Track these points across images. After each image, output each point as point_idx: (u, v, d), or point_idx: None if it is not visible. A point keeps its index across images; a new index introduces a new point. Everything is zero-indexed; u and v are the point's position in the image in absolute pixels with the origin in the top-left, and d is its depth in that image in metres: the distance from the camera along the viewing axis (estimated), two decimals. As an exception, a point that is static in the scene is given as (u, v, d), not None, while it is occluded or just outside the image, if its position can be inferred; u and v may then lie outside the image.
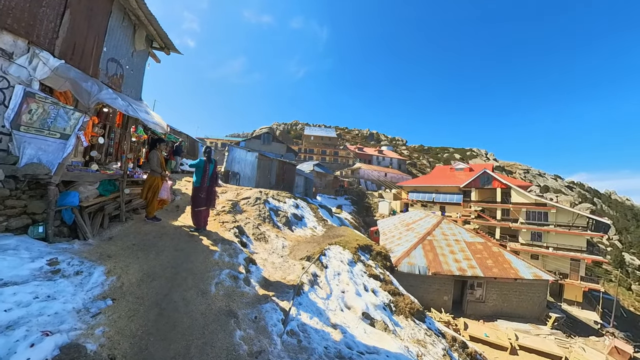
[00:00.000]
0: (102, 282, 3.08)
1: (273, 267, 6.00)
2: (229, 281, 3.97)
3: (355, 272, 8.09)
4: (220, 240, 5.34)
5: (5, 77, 3.89)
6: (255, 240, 6.86)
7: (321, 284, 6.50)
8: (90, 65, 5.47)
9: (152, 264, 3.78)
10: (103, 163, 6.37)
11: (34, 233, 3.53)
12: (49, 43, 4.47)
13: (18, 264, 2.78)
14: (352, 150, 59.67)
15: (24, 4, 4.05)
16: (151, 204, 5.65)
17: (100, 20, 5.69)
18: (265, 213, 8.39)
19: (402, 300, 8.29)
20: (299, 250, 7.46)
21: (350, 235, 10.68)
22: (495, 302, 16.23)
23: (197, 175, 5.46)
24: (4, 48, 3.86)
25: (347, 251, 8.89)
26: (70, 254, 3.36)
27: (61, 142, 3.90)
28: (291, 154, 30.77)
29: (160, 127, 6.32)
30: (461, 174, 40.53)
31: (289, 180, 16.61)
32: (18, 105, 3.91)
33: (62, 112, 4.03)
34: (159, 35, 7.45)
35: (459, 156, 78.93)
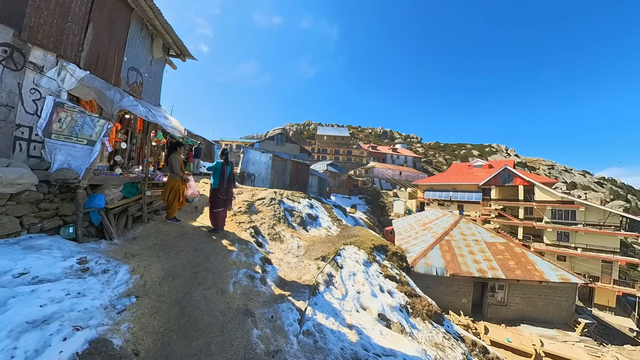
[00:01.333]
0: (127, 280, 3.23)
1: (289, 267, 6.05)
2: (246, 280, 4.04)
3: (370, 273, 8.02)
4: (237, 241, 5.45)
5: (38, 89, 4.16)
6: (270, 240, 6.95)
7: (336, 284, 6.49)
8: (113, 74, 5.76)
9: (173, 263, 3.92)
10: (126, 167, 6.68)
11: (65, 233, 3.76)
12: (75, 55, 4.75)
13: (51, 263, 2.97)
14: (366, 149, 59.15)
15: (51, 20, 4.32)
16: (172, 205, 5.85)
17: (120, 31, 5.98)
18: (280, 213, 8.48)
19: (419, 302, 8.12)
20: (314, 250, 7.48)
21: (365, 235, 10.59)
22: (519, 305, 15.48)
23: (215, 177, 5.60)
24: (35, 62, 4.13)
25: (362, 251, 8.82)
26: (98, 254, 3.54)
27: (88, 148, 4.13)
28: (304, 154, 30.90)
29: (178, 131, 6.54)
30: (480, 171, 39.14)
31: (303, 180, 16.69)
32: (49, 115, 4.18)
33: (88, 120, 4.27)
34: (175, 43, 7.71)
35: (477, 153, 76.24)
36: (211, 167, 5.66)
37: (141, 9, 6.25)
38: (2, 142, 3.71)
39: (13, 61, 3.84)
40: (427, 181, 42.53)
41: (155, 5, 6.18)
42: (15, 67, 3.87)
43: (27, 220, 3.52)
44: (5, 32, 3.76)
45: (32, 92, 4.08)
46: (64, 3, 4.49)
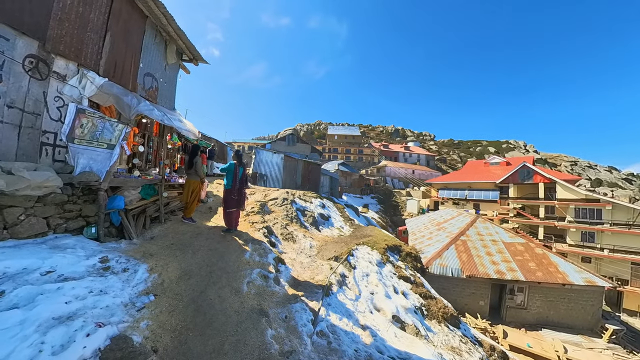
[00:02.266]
0: (146, 279, 3.33)
1: (301, 267, 6.07)
2: (259, 280, 4.08)
3: (384, 274, 7.92)
4: (251, 240, 5.52)
5: (61, 96, 4.37)
6: (283, 240, 6.99)
7: (350, 284, 6.45)
8: (130, 80, 5.96)
9: (189, 262, 4.01)
10: (143, 169, 6.91)
11: (88, 234, 3.92)
12: (95, 64, 4.95)
13: (75, 261, 3.10)
14: (377, 148, 58.54)
15: (72, 31, 4.52)
16: (190, 205, 6.01)
17: (135, 39, 6.19)
18: (293, 213, 8.52)
19: (435, 304, 7.95)
20: (327, 251, 7.47)
21: (378, 235, 10.48)
22: (540, 309, 14.80)
23: (228, 178, 5.69)
24: (58, 71, 4.34)
25: (375, 252, 8.73)
26: (118, 253, 3.68)
27: (108, 151, 4.29)
28: (316, 154, 30.94)
29: (193, 133, 6.70)
30: (497, 169, 37.90)
31: (315, 180, 16.70)
32: (72, 121, 4.37)
33: (107, 125, 4.44)
34: (187, 48, 7.90)
35: (494, 149, 73.86)
36: (224, 169, 5.76)
37: (155, 16, 6.44)
38: (30, 147, 3.92)
39: (38, 71, 4.04)
40: (441, 180, 41.58)
41: (168, 12, 6.35)
42: (41, 76, 4.07)
43: (53, 221, 3.70)
44: (31, 44, 3.97)
45: (56, 100, 4.29)
46: (83, 14, 4.70)
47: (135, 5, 5.99)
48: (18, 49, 3.82)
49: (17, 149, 3.76)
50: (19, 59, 3.82)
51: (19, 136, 3.79)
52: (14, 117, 3.75)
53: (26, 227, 3.31)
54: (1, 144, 3.59)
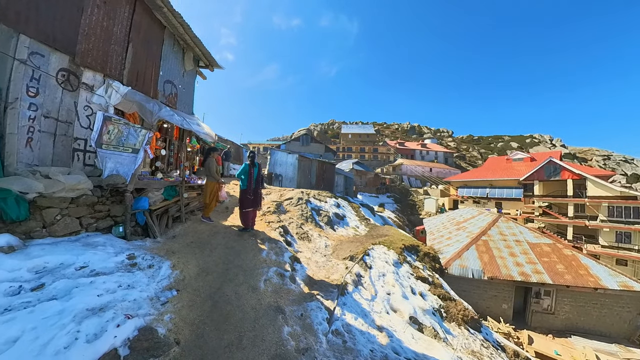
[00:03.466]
0: (169, 275, 3.51)
1: (317, 266, 6.13)
2: (276, 278, 4.18)
3: (401, 274, 7.82)
4: (267, 240, 5.65)
5: (90, 105, 4.69)
6: (299, 240, 7.09)
7: (365, 284, 6.43)
8: (151, 88, 6.28)
9: (207, 260, 4.18)
10: (165, 171, 7.26)
11: (116, 232, 4.19)
12: (119, 74, 5.27)
13: (106, 258, 3.33)
14: (393, 146, 57.63)
15: (98, 44, 4.84)
16: (209, 206, 6.25)
17: (155, 48, 6.51)
18: (308, 213, 8.61)
19: (454, 306, 7.75)
20: (342, 250, 7.48)
21: (395, 234, 10.34)
22: (569, 314, 13.89)
23: (243, 179, 5.85)
24: (87, 82, 4.66)
25: (392, 251, 8.63)
26: (144, 250, 3.90)
27: (133, 155, 4.56)
28: (330, 154, 30.93)
29: (210, 136, 6.95)
30: (520, 165, 36.19)
31: (329, 179, 16.72)
32: (100, 128, 4.68)
33: (132, 131, 4.72)
34: (203, 55, 8.20)
35: (517, 145, 70.48)
36: (240, 172, 5.92)
37: (172, 26, 6.74)
38: (63, 153, 4.24)
39: (70, 83, 4.36)
40: (460, 177, 40.29)
41: (184, 22, 6.63)
42: (72, 88, 4.39)
43: (85, 220, 3.99)
44: (63, 58, 4.29)
45: (85, 109, 4.60)
46: (107, 28, 5.01)
47: (154, 17, 6.30)
48: (52, 64, 4.14)
49: (52, 155, 4.08)
50: (52, 72, 4.14)
51: (54, 143, 4.11)
52: (50, 126, 4.07)
53: (62, 226, 3.59)
54: (40, 151, 3.92)
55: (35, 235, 3.38)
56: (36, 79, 3.94)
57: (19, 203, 3.16)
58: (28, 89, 3.84)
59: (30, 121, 3.85)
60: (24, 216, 3.22)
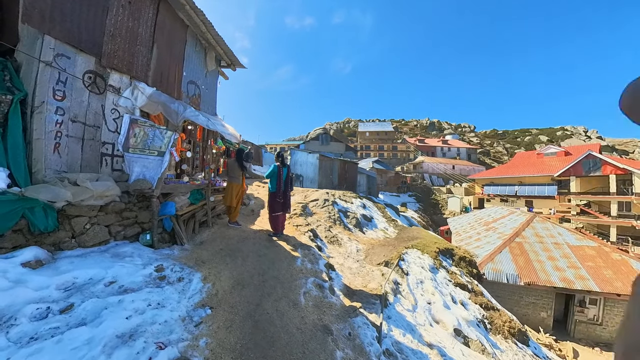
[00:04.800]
0: (200, 289, 3.21)
1: (351, 273, 5.69)
2: (315, 290, 3.79)
3: (439, 280, 7.21)
4: (299, 246, 5.28)
5: (117, 108, 4.53)
6: (329, 244, 6.68)
7: (404, 293, 5.92)
8: (175, 89, 6.11)
9: (240, 271, 3.86)
10: (190, 174, 7.11)
11: (143, 240, 3.97)
12: (144, 75, 5.10)
13: (133, 271, 3.07)
14: (412, 143, 55.92)
15: (124, 46, 4.68)
16: (235, 210, 5.98)
17: (178, 49, 6.34)
18: (335, 215, 8.19)
19: (498, 316, 7.05)
20: (375, 255, 6.99)
21: (426, 237, 9.70)
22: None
23: (272, 181, 5.52)
24: (113, 85, 4.49)
25: (426, 256, 8.03)
26: (172, 261, 3.64)
27: (159, 159, 4.34)
28: (351, 153, 30.29)
29: (235, 137, 6.71)
30: (553, 160, 33.72)
31: (351, 179, 16.20)
32: (126, 131, 4.49)
33: (157, 133, 4.50)
34: (225, 54, 8.00)
35: (546, 138, 66.18)
36: (269, 174, 5.58)
37: (194, 25, 6.55)
38: (91, 158, 4.08)
39: (96, 86, 4.21)
40: (486, 174, 38.26)
41: (207, 19, 6.41)
42: (99, 90, 4.24)
43: (113, 228, 3.79)
44: (89, 60, 4.13)
45: (112, 112, 4.44)
46: (132, 29, 4.85)
47: (177, 16, 6.13)
48: (78, 66, 3.99)
49: (81, 161, 3.92)
50: (79, 75, 3.99)
51: (82, 148, 3.96)
52: (77, 131, 3.92)
53: (91, 235, 3.40)
54: (68, 157, 3.76)
55: (65, 246, 3.19)
56: (62, 82, 3.79)
57: (47, 213, 2.97)
58: (55, 92, 3.69)
59: (58, 126, 3.70)
60: (52, 227, 3.04)
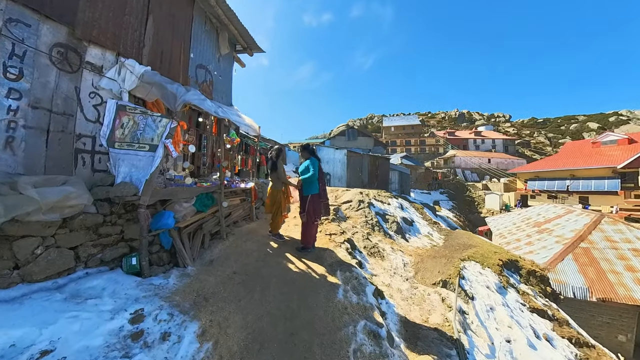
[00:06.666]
0: (194, 355, 2.03)
1: (403, 298, 4.32)
2: (369, 344, 2.50)
3: (511, 305, 5.58)
4: (337, 264, 3.99)
5: (98, 92, 3.52)
6: (369, 256, 5.34)
7: (474, 326, 4.43)
8: (180, 73, 5.09)
9: (258, 313, 2.66)
10: (203, 175, 6.11)
11: (127, 266, 2.90)
12: (136, 52, 4.08)
13: (93, 326, 1.97)
14: (442, 137, 52.40)
15: (107, 14, 3.66)
16: (274, 219, 4.83)
17: (183, 26, 5.32)
18: (373, 219, 6.82)
19: (596, 357, 5.30)
20: (426, 271, 5.54)
21: (481, 244, 7.99)
22: None
23: (314, 180, 4.25)
24: (92, 62, 3.49)
25: (488, 270, 6.39)
26: (160, 300, 2.51)
27: (150, 154, 3.27)
28: (380, 147, 28.40)
29: (253, 129, 5.59)
30: (613, 149, 29.29)
31: (383, 176, 14.60)
32: (112, 121, 3.49)
33: (150, 121, 3.44)
34: (240, 35, 6.91)
35: (597, 125, 58.98)
36: (312, 174, 4.17)
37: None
38: (61, 156, 3.09)
39: (68, 62, 3.21)
40: (529, 168, 34.42)
41: (217, -11, 5.34)
42: (71, 69, 3.24)
43: (84, 251, 2.76)
44: (58, 30, 3.14)
45: (91, 97, 3.45)
46: (118, -7, 3.83)
47: (180, -15, 5.11)
48: (42, 37, 3.00)
49: (45, 159, 2.93)
50: (44, 49, 3.01)
51: (47, 143, 2.97)
52: (41, 120, 2.93)
53: (43, 265, 2.36)
54: (25, 154, 2.78)
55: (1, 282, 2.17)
56: (18, 56, 2.81)
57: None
58: (6, 69, 2.71)
59: (11, 113, 2.72)
60: (-23, 255, 2.03)
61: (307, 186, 4.24)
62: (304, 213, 4.18)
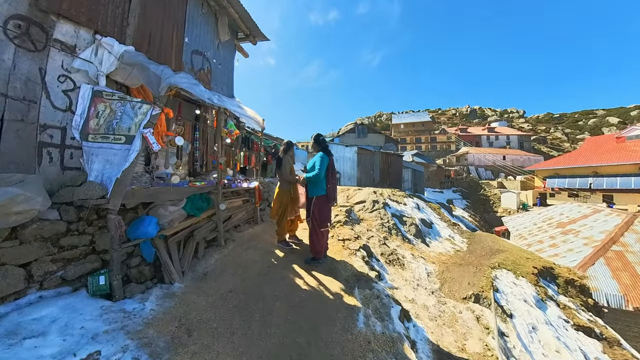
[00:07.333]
0: None
1: (431, 318, 3.63)
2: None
3: (554, 323, 4.80)
4: (354, 278, 3.33)
5: (69, 76, 2.96)
6: (387, 265, 4.66)
7: (516, 351, 3.71)
8: (172, 58, 4.52)
9: (256, 354, 2.04)
10: (203, 173, 5.55)
11: (93, 287, 2.33)
12: (119, 32, 3.51)
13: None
14: (454, 133, 50.79)
15: (80, -17, 3.11)
16: (280, 224, 4.20)
17: (176, 6, 4.74)
18: (390, 222, 6.11)
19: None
20: (454, 281, 4.81)
21: (511, 250, 7.19)
22: None
23: (322, 180, 3.59)
24: (63, 40, 2.93)
25: (523, 280, 5.61)
26: (127, 337, 1.92)
27: (126, 148, 2.69)
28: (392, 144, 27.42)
29: (256, 121, 4.98)
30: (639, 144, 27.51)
31: (396, 174, 13.78)
32: (86, 109, 2.93)
33: (128, 108, 2.86)
34: (242, 20, 6.30)
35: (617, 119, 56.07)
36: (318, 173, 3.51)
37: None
38: (20, 150, 2.54)
39: (30, 39, 2.66)
40: (548, 164, 32.81)
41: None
42: (34, 47, 2.69)
43: (38, 268, 2.20)
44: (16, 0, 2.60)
45: (61, 81, 2.90)
46: (95, -40, 3.27)
47: (171, -42, 4.53)
48: (-6, 6, 2.48)
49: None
50: (-3, 19, 2.48)
51: (0, 134, 2.43)
52: (-9, 105, 2.41)
53: (-26, 291, 1.80)
54: (-31, 148, 2.25)
55: None
56: (-39, 26, 2.29)
57: None
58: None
59: (-52, 96, 2.21)
60: None
61: (312, 186, 3.57)
62: (309, 218, 3.52)
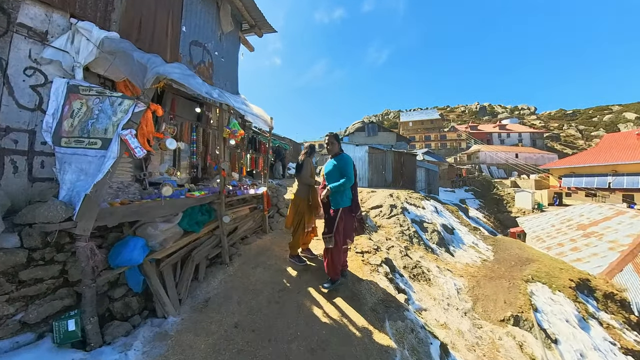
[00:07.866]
0: None
1: (469, 348, 3.06)
2: None
3: (601, 347, 4.16)
4: (382, 305, 2.76)
5: (39, 68, 2.47)
6: (412, 280, 4.09)
7: (573, 391, 3.10)
8: (167, 48, 4.01)
9: None
10: (206, 180, 5.04)
11: (59, 335, 1.82)
12: (102, 16, 3.01)
13: None
14: (464, 131, 49.53)
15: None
16: (295, 235, 3.64)
17: (173, -8, 4.23)
18: (410, 229, 5.50)
19: None
20: (488, 300, 4.22)
21: (541, 258, 6.52)
22: None
23: (348, 189, 3.03)
24: (30, 25, 2.44)
25: (561, 296, 4.97)
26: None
27: (102, 154, 2.18)
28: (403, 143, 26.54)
29: (263, 120, 4.46)
30: (664, 141, 26.12)
31: (410, 174, 13.08)
32: (60, 108, 2.44)
33: (106, 105, 2.35)
34: (246, 8, 5.78)
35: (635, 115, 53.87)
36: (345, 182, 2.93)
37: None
38: (-27, 159, 2.07)
39: (-11, 21, 2.19)
40: (563, 163, 31.57)
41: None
42: (-6, 30, 2.21)
43: (-14, 315, 1.70)
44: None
45: (28, 74, 2.41)
46: None
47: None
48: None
49: (-60, 165, 1.92)
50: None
51: (-54, 139, 1.95)
52: None
53: None
54: None
55: None
56: None
57: None
58: None
59: None
60: None
61: (338, 196, 3.00)
62: (331, 235, 2.94)
